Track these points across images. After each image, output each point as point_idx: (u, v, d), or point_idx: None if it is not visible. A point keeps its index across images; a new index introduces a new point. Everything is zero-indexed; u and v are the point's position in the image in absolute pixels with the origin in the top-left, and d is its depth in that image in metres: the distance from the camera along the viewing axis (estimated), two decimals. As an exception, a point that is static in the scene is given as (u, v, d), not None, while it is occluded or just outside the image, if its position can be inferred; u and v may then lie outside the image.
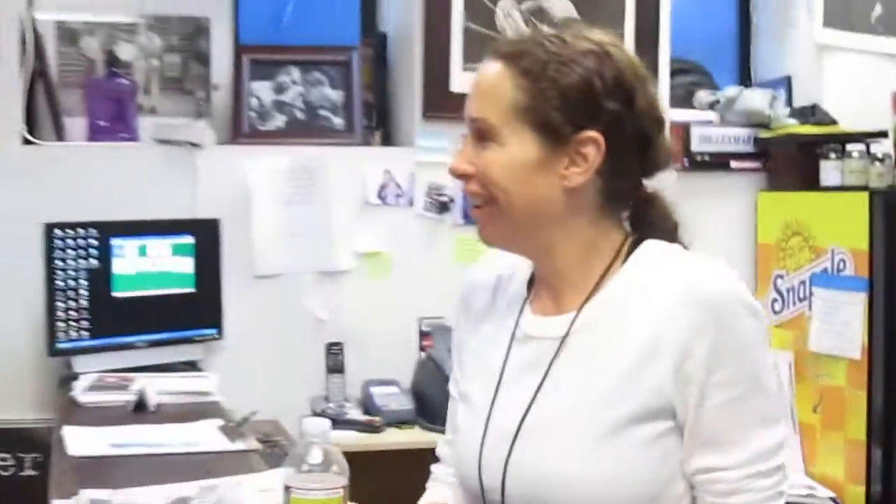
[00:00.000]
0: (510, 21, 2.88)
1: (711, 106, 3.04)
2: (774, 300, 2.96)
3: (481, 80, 1.18)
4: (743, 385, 1.08)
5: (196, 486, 1.53)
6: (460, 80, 2.85)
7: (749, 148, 3.00)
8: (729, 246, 2.98)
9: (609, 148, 1.12)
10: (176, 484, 1.56)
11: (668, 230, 1.22)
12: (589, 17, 2.84)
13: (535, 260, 1.25)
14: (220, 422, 2.04)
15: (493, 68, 1.16)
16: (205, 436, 1.93)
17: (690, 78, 3.17)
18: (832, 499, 2.61)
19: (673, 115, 3.03)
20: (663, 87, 2.97)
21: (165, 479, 1.61)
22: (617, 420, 1.11)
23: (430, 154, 2.92)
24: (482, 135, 1.16)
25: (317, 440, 1.08)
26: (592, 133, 1.11)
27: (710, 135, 2.97)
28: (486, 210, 1.18)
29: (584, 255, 1.20)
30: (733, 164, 2.99)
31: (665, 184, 1.27)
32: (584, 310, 1.16)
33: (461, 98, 2.43)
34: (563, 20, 2.99)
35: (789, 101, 3.09)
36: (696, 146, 2.95)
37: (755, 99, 2.95)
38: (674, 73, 3.10)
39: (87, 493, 1.47)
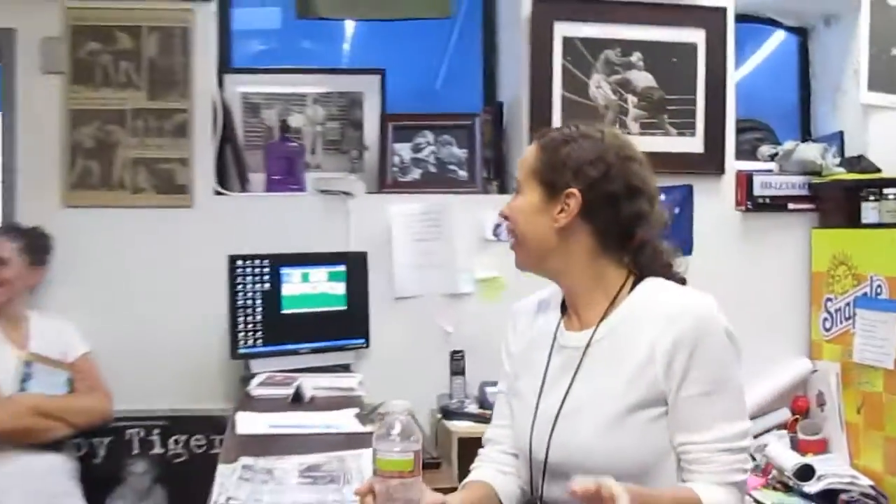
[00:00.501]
0: (601, 91, 3.17)
1: (772, 157, 3.29)
2: (825, 319, 3.15)
3: (524, 153, 1.59)
4: (710, 385, 1.40)
5: (327, 456, 1.77)
6: None
7: (804, 192, 3.22)
8: (787, 274, 3.28)
9: (586, 202, 1.46)
10: (312, 454, 1.80)
11: (661, 269, 1.54)
12: (666, 88, 3.19)
13: (557, 283, 1.60)
14: (357, 410, 2.28)
15: (531, 146, 1.58)
16: (343, 420, 2.16)
17: (756, 134, 3.43)
18: (872, 486, 2.76)
19: (739, 165, 3.32)
20: (729, 143, 3.25)
21: (305, 452, 1.83)
22: (625, 408, 1.42)
23: None
24: (517, 188, 1.57)
25: (399, 416, 1.28)
26: (573, 189, 1.46)
27: (770, 181, 3.20)
28: (514, 242, 1.57)
29: (591, 283, 1.52)
30: (790, 205, 3.22)
31: (682, 267, 1.58)
32: (600, 327, 1.49)
33: None
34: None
35: (841, 153, 3.31)
36: (757, 191, 3.19)
37: (809, 151, 3.18)
38: (742, 130, 3.38)
39: (243, 460, 1.72)
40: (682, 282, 1.55)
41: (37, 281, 2.92)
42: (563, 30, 3.11)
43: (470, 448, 2.67)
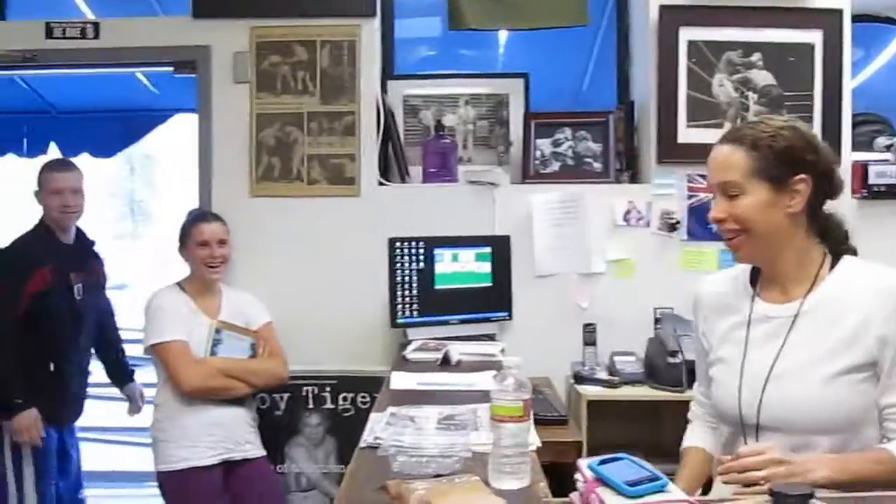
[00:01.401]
0: (723, 89, 3.29)
1: (888, 148, 3.36)
2: None
3: (719, 157, 1.64)
4: None
5: (463, 408, 1.88)
6: (685, 134, 3.30)
7: None
8: None
9: (815, 184, 1.58)
10: (450, 406, 1.91)
11: (845, 245, 1.67)
12: (785, 85, 3.31)
13: (768, 265, 1.67)
14: (495, 372, 2.43)
15: (726, 149, 1.64)
16: (481, 380, 2.24)
17: (873, 127, 3.48)
18: None
19: (855, 156, 3.37)
20: (846, 136, 3.32)
21: (445, 404, 1.95)
22: (837, 371, 1.53)
23: (663, 188, 3.40)
24: (730, 191, 1.62)
25: (512, 370, 1.40)
26: (803, 175, 1.57)
27: (885, 171, 3.27)
28: (740, 238, 1.63)
29: (798, 261, 1.63)
30: None
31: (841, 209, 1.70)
32: (808, 299, 1.60)
33: (687, 148, 3.28)
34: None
35: None
36: (873, 179, 3.27)
37: None
38: (858, 123, 3.43)
39: (391, 409, 1.86)
40: (855, 253, 1.69)
41: None
42: (687, 34, 3.26)
43: (598, 409, 2.95)
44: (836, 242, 1.67)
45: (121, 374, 3.55)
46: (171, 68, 3.51)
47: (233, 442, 3.01)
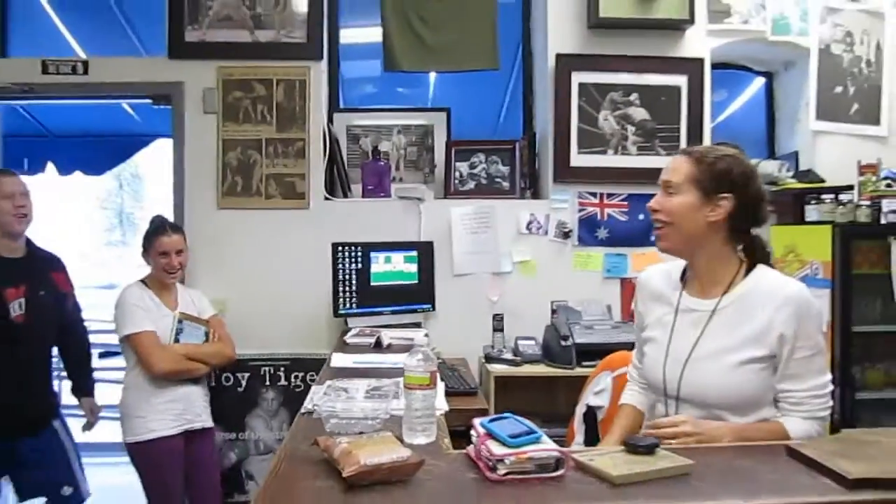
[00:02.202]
0: (607, 123, 3.44)
1: None
2: None
3: (672, 163, 1.70)
4: (812, 349, 1.57)
5: (389, 381, 1.93)
6: (577, 159, 3.42)
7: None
8: None
9: (736, 205, 1.63)
10: (378, 379, 1.95)
11: (764, 258, 1.71)
12: (657, 119, 3.47)
13: (689, 260, 1.73)
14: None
15: (679, 158, 1.69)
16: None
17: None
18: None
19: None
20: None
21: (374, 377, 2.00)
22: (743, 360, 1.60)
23: (558, 203, 3.49)
24: (668, 189, 1.68)
25: (422, 348, 1.46)
26: (728, 195, 1.62)
27: None
28: (665, 230, 1.69)
29: (717, 265, 1.68)
30: None
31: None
32: (724, 299, 1.66)
33: (578, 170, 3.48)
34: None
35: (796, 168, 3.59)
36: None
37: (768, 167, 3.46)
38: None
39: (328, 382, 1.88)
40: (773, 267, 1.72)
41: None
42: (578, 77, 3.41)
43: (504, 383, 3.04)
44: (758, 258, 1.71)
45: (84, 385, 3.18)
46: (149, 100, 3.58)
47: (192, 414, 3.04)
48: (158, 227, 3.11)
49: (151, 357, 2.91)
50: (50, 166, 5.35)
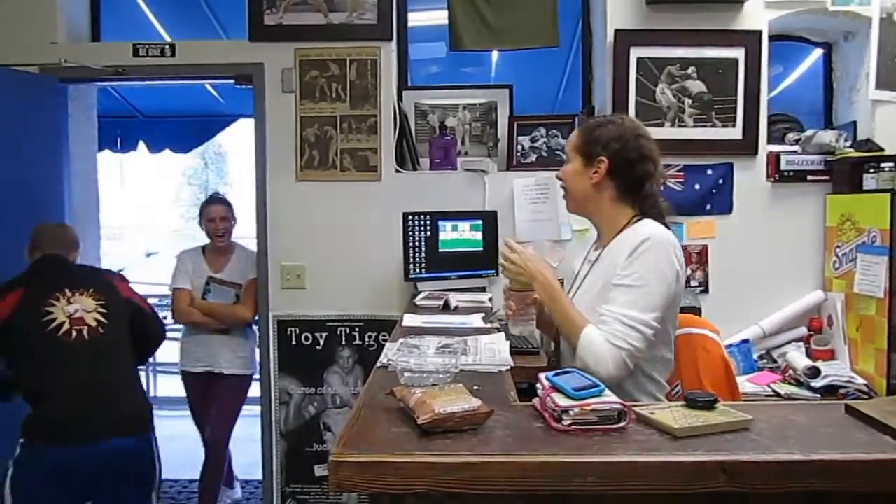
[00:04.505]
0: (664, 96, 3.36)
1: (796, 142, 3.43)
2: (835, 261, 3.31)
3: (570, 136, 1.87)
4: (634, 282, 1.62)
5: (457, 339, 1.96)
6: None
7: (821, 167, 3.37)
8: (807, 228, 3.43)
9: (611, 165, 1.74)
10: (447, 337, 1.99)
11: (658, 214, 1.78)
12: (714, 92, 3.38)
13: (589, 219, 1.86)
14: (483, 315, 2.50)
15: (574, 131, 1.87)
16: (473, 320, 2.39)
17: (785, 125, 3.54)
18: (865, 384, 2.94)
19: (770, 148, 3.47)
20: (762, 132, 3.38)
21: (443, 336, 2.01)
22: (595, 297, 1.72)
23: None
24: (566, 159, 1.85)
25: (540, 244, 1.76)
26: (603, 157, 1.74)
27: (794, 159, 3.37)
28: (565, 194, 1.85)
29: (609, 220, 1.79)
30: (809, 177, 3.40)
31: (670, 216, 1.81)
32: (606, 248, 1.78)
33: None
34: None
35: (854, 137, 3.43)
36: (784, 167, 3.37)
37: (825, 136, 3.35)
38: (774, 122, 3.50)
39: (401, 340, 1.91)
40: (665, 225, 1.76)
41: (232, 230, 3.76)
42: (637, 52, 3.34)
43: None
44: (653, 215, 1.78)
45: None
46: (232, 81, 3.63)
47: (212, 358, 3.64)
48: (207, 199, 3.79)
49: (174, 309, 3.65)
50: (141, 145, 5.51)
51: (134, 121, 5.57)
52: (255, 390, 3.77)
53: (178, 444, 4.05)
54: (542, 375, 1.41)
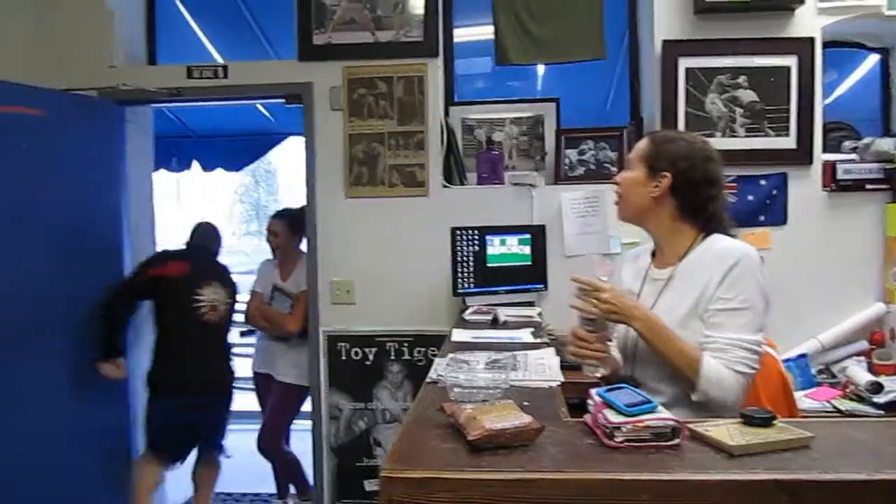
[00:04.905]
0: (715, 106, 3.30)
1: (853, 150, 3.36)
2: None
3: (638, 143, 1.83)
4: (741, 304, 1.60)
5: (506, 354, 1.96)
6: None
7: (880, 175, 3.28)
8: (866, 238, 3.36)
9: (673, 182, 1.72)
10: (497, 352, 1.97)
11: (718, 228, 1.75)
12: (766, 101, 3.31)
13: (648, 233, 1.82)
14: (533, 329, 2.49)
15: (643, 139, 1.83)
16: (522, 335, 2.37)
17: (841, 133, 3.48)
18: None
19: (826, 157, 3.39)
20: (817, 140, 3.30)
21: (493, 351, 2.02)
22: (685, 316, 1.67)
23: None
24: (627, 164, 1.82)
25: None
26: (667, 173, 1.72)
27: (850, 168, 3.29)
28: (618, 201, 1.82)
29: (670, 236, 1.76)
30: (868, 186, 3.31)
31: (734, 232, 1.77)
32: (678, 266, 1.74)
33: None
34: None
35: None
36: (840, 175, 3.29)
37: (884, 144, 3.27)
38: (830, 130, 3.43)
39: (451, 355, 1.90)
40: (733, 236, 1.75)
41: (298, 241, 3.88)
42: (685, 63, 3.29)
43: None
44: (718, 229, 1.76)
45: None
46: (283, 100, 3.69)
47: (266, 363, 3.87)
48: (272, 215, 3.98)
49: (245, 310, 3.92)
50: (195, 164, 5.63)
51: (188, 140, 5.70)
52: (307, 405, 3.85)
53: (230, 459, 4.08)
54: (593, 391, 1.40)
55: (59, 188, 3.38)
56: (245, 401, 4.23)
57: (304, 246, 3.74)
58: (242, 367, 4.01)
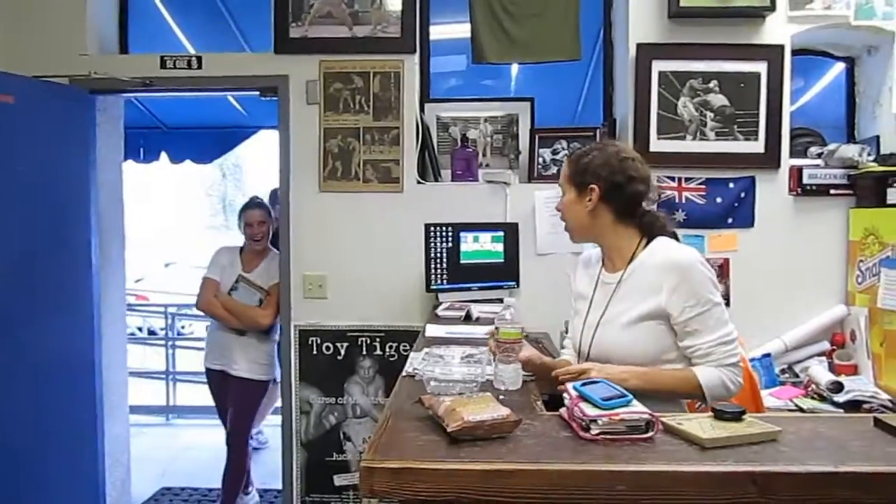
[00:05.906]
0: (686, 109, 3.32)
1: (819, 156, 3.40)
2: (858, 275, 3.27)
3: (563, 168, 1.89)
4: (705, 305, 1.67)
5: (480, 349, 1.95)
6: (656, 145, 3.33)
7: (843, 181, 3.34)
8: (830, 242, 3.40)
9: (602, 191, 1.78)
10: (471, 347, 1.99)
11: (659, 229, 1.80)
12: (736, 106, 3.35)
13: (597, 244, 1.89)
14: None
15: (565, 162, 1.88)
16: None
17: (808, 139, 3.53)
18: (889, 400, 2.87)
19: (793, 162, 3.43)
20: (784, 146, 3.35)
21: (467, 346, 2.02)
22: (633, 318, 1.72)
23: None
24: (562, 191, 1.87)
25: (511, 309, 1.70)
26: (594, 185, 1.78)
27: (815, 173, 3.35)
28: (566, 226, 1.89)
29: (616, 243, 1.82)
30: (832, 191, 3.36)
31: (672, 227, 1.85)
32: (626, 271, 1.79)
33: (657, 155, 3.36)
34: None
35: (878, 152, 3.35)
36: (806, 180, 3.35)
37: (849, 150, 3.30)
38: (796, 136, 3.48)
39: (426, 349, 1.97)
40: (674, 236, 1.84)
41: (269, 234, 3.85)
42: (658, 66, 3.32)
43: None
44: (655, 230, 1.81)
45: None
46: (257, 93, 3.67)
47: (227, 360, 3.74)
48: (246, 203, 3.87)
49: (198, 296, 3.75)
50: (163, 155, 5.57)
51: (157, 131, 5.63)
52: (278, 401, 3.86)
53: (195, 454, 4.06)
54: (569, 385, 1.43)
55: (27, 175, 3.33)
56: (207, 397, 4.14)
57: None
58: (195, 361, 4.02)
